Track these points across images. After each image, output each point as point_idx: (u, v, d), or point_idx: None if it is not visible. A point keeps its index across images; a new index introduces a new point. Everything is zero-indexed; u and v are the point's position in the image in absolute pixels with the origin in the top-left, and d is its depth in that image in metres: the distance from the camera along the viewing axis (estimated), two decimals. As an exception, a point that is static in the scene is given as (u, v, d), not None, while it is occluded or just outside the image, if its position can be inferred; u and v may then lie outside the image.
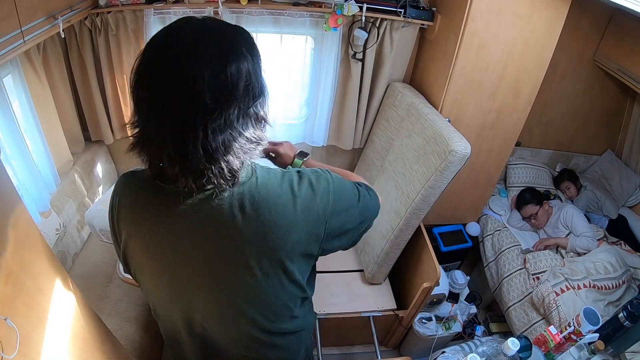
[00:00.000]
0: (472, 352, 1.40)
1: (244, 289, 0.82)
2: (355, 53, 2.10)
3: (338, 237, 0.87)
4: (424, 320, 2.04)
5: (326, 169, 0.88)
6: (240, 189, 0.75)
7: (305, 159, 1.11)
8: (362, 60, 2.13)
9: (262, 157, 0.87)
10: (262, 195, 0.76)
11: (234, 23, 2.00)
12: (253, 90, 0.72)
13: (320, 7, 1.95)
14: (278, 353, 0.97)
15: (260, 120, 0.76)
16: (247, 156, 0.74)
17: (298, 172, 0.83)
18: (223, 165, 0.70)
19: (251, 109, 0.73)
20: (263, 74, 0.77)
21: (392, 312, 1.99)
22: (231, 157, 0.71)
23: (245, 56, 0.71)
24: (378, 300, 2.03)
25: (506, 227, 2.52)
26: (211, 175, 0.71)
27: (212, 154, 0.69)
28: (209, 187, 0.73)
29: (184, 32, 0.70)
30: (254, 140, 0.74)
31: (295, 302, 0.91)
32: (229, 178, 0.72)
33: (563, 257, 2.25)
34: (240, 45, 0.73)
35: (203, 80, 0.65)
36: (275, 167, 0.88)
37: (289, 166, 1.07)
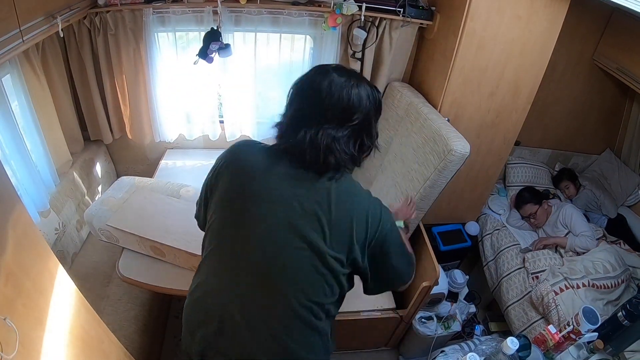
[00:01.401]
0: (472, 351, 1.40)
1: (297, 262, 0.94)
2: (354, 52, 2.10)
3: (376, 258, 1.01)
4: (423, 320, 2.04)
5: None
6: (336, 184, 0.96)
7: (402, 227, 1.36)
8: (362, 59, 2.13)
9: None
10: (346, 189, 0.97)
11: (233, 22, 2.00)
12: (365, 124, 0.97)
13: (320, 6, 1.95)
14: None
15: (363, 149, 1.00)
16: (342, 165, 0.96)
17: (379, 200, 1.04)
18: (326, 160, 0.93)
19: (358, 134, 0.97)
20: (377, 125, 1.03)
21: (391, 312, 2.00)
22: (332, 160, 0.93)
23: (368, 97, 0.97)
24: (377, 299, 2.03)
25: (505, 226, 2.52)
26: (318, 163, 0.93)
27: (320, 150, 0.92)
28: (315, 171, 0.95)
29: (334, 71, 0.97)
30: (351, 157, 0.97)
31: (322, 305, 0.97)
32: (328, 171, 0.95)
33: (562, 257, 2.25)
34: (367, 90, 0.98)
35: (329, 101, 0.93)
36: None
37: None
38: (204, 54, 1.88)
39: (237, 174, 1.01)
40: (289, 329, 0.94)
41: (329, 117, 0.93)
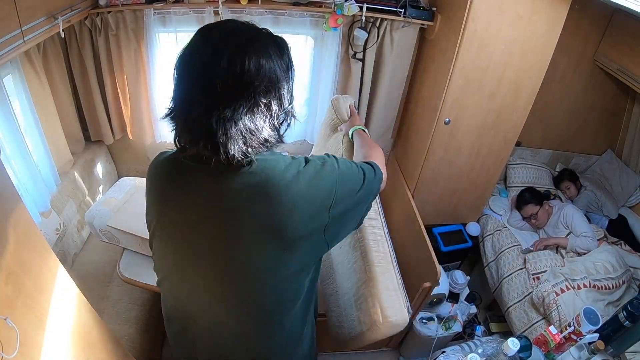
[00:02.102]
0: (472, 352, 1.40)
1: (241, 267, 0.84)
2: (355, 53, 2.10)
3: (343, 223, 0.90)
4: (424, 320, 2.04)
5: (332, 155, 0.92)
6: (247, 175, 0.79)
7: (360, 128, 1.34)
8: (363, 60, 2.13)
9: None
10: (269, 175, 0.79)
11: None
12: (271, 92, 0.77)
13: (320, 7, 1.95)
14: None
15: (274, 125, 0.80)
16: (253, 150, 0.77)
17: (305, 158, 0.88)
18: (223, 150, 0.74)
19: (265, 108, 0.77)
20: (291, 84, 0.83)
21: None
22: (234, 146, 0.74)
23: (270, 56, 0.76)
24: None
25: (506, 227, 2.52)
26: (218, 153, 0.75)
27: (214, 136, 0.73)
28: (217, 165, 0.77)
29: (222, 26, 0.77)
30: (263, 139, 0.78)
31: (288, 302, 0.91)
32: (231, 162, 0.76)
33: (563, 257, 2.25)
34: (269, 47, 0.78)
35: (219, 67, 0.71)
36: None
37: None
38: (205, 54, 1.88)
39: (156, 206, 0.91)
40: (255, 328, 0.93)
41: (221, 97, 0.73)
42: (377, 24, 2.02)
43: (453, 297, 2.13)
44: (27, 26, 1.45)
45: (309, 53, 2.20)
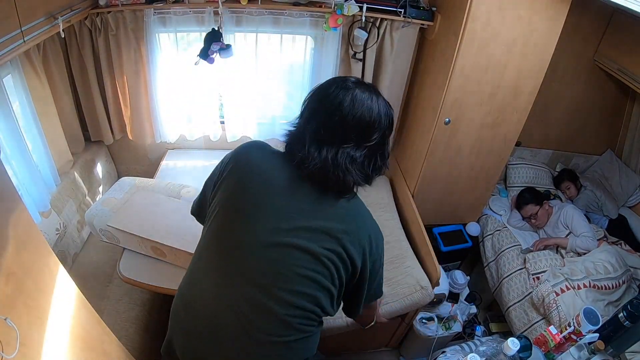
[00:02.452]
0: (472, 352, 1.40)
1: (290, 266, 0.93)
2: (355, 53, 2.10)
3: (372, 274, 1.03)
4: (424, 320, 2.04)
5: None
6: (347, 203, 0.97)
7: None
8: (363, 60, 2.12)
9: None
10: (356, 208, 0.99)
11: (234, 23, 2.00)
12: (381, 144, 0.96)
13: (320, 7, 1.95)
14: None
15: (376, 169, 0.98)
16: (357, 185, 0.96)
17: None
18: (344, 180, 0.92)
19: (373, 154, 0.96)
20: (389, 134, 1.00)
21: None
22: (350, 181, 0.93)
23: (385, 115, 0.95)
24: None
25: (506, 227, 2.52)
26: (337, 184, 0.93)
27: (339, 171, 0.91)
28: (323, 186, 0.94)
29: (356, 86, 0.94)
30: (365, 177, 0.96)
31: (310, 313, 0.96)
32: (341, 190, 0.94)
33: (563, 257, 2.25)
34: (385, 117, 0.96)
35: (352, 119, 0.91)
36: None
37: None
38: (205, 54, 1.88)
39: (246, 175, 0.99)
40: (282, 335, 0.94)
41: (348, 136, 0.91)
42: (377, 24, 2.02)
43: (453, 297, 2.13)
44: (27, 26, 1.45)
45: (309, 53, 2.20)
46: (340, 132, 0.91)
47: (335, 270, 0.94)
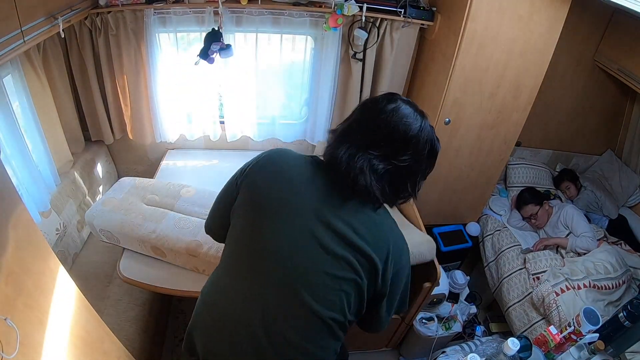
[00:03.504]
0: (472, 352, 1.40)
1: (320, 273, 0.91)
2: (355, 53, 2.10)
3: (388, 292, 0.98)
4: (424, 320, 2.04)
5: None
6: (372, 213, 0.94)
7: None
8: (363, 60, 2.12)
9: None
10: (380, 219, 0.95)
11: (234, 23, 2.00)
12: (412, 169, 0.93)
13: (321, 7, 1.95)
14: None
15: (399, 194, 0.95)
16: (372, 193, 0.90)
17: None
18: (356, 180, 0.89)
19: (400, 176, 0.93)
20: (429, 169, 0.99)
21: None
22: (362, 182, 0.88)
23: (423, 146, 0.93)
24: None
25: (506, 227, 2.52)
26: (356, 188, 0.89)
27: (345, 163, 0.89)
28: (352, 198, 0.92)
29: (403, 102, 0.94)
30: (383, 193, 0.92)
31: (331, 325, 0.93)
32: (367, 201, 0.92)
33: (563, 257, 2.25)
34: (424, 140, 0.93)
35: (385, 127, 0.89)
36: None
37: None
38: (205, 54, 1.88)
39: (272, 178, 0.97)
40: (310, 340, 0.93)
41: (377, 143, 0.88)
42: (377, 24, 2.02)
43: (453, 297, 2.13)
44: (27, 26, 1.45)
45: (309, 53, 2.20)
46: (370, 136, 0.89)
47: (357, 276, 0.91)
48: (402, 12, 1.95)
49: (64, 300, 0.91)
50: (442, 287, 1.96)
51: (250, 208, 0.97)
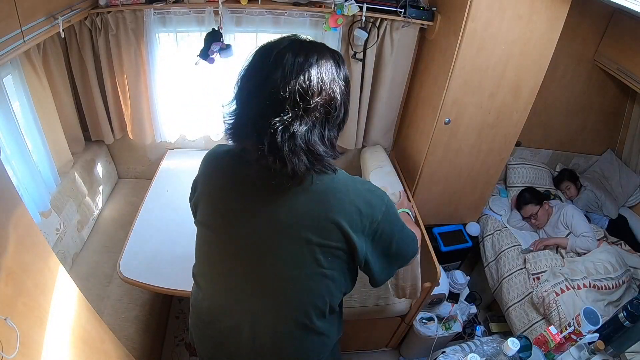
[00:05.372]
0: (472, 352, 1.40)
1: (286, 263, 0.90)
2: (355, 53, 2.10)
3: (380, 251, 0.94)
4: (424, 320, 2.04)
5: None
6: (307, 192, 0.86)
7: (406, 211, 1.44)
8: (363, 60, 2.12)
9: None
10: (326, 186, 0.87)
11: (234, 23, 1.99)
12: (331, 105, 0.82)
13: (320, 7, 1.95)
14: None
15: (332, 138, 0.86)
16: (314, 168, 0.82)
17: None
18: (288, 165, 0.79)
19: (322, 123, 0.82)
20: (349, 101, 0.89)
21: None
22: (296, 160, 0.79)
23: (330, 71, 0.83)
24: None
25: (506, 227, 2.52)
26: (277, 168, 0.80)
27: (280, 152, 0.78)
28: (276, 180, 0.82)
29: (285, 45, 0.83)
30: (323, 152, 0.82)
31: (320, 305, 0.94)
32: (291, 176, 0.81)
33: (563, 257, 2.25)
34: (328, 62, 0.84)
35: (289, 85, 0.76)
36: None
37: None
38: (205, 54, 1.88)
39: (212, 191, 0.99)
40: (291, 338, 0.96)
41: (285, 109, 0.77)
42: (377, 24, 2.02)
43: (453, 297, 2.13)
44: (27, 26, 1.45)
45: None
46: (276, 109, 0.78)
47: (332, 256, 0.89)
48: (402, 12, 1.94)
49: (64, 300, 0.91)
50: (442, 287, 1.96)
51: (210, 226, 0.99)
